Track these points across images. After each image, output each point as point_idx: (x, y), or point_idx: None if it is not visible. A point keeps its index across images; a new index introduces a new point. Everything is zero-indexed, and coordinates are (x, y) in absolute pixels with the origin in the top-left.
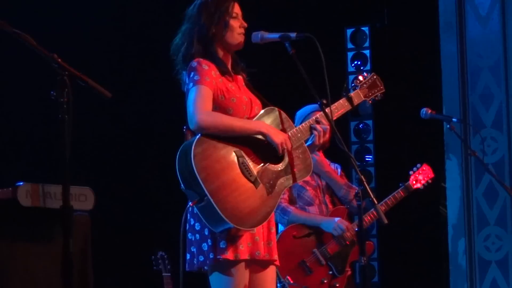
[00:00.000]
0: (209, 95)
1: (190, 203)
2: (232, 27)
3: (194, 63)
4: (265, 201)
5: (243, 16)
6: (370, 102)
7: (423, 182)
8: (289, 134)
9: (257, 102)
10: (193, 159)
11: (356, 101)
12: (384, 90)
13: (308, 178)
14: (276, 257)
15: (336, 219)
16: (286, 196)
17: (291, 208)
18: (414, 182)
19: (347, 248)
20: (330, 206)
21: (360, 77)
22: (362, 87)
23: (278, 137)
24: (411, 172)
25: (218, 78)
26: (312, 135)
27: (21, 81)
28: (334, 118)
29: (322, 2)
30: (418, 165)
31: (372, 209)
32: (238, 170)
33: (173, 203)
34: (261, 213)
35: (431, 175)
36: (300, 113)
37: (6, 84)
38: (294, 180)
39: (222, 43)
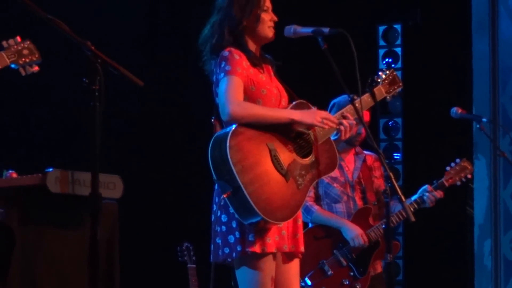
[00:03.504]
0: (240, 85)
1: (222, 196)
2: (263, 20)
3: (225, 53)
4: (294, 195)
5: (273, 10)
6: (390, 98)
7: (460, 177)
8: (316, 128)
9: (284, 94)
10: (228, 151)
11: (378, 97)
12: (402, 86)
13: (337, 173)
14: (302, 249)
15: (357, 231)
16: (312, 194)
17: (315, 208)
18: (448, 179)
19: (370, 249)
20: (359, 202)
21: (380, 73)
22: (384, 83)
23: (312, 117)
24: (448, 168)
25: (249, 68)
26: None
27: (52, 68)
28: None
29: None
30: (457, 160)
31: (401, 209)
32: (271, 163)
33: (200, 194)
34: (291, 206)
35: (471, 170)
36: (336, 101)
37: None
38: (321, 174)
39: (253, 35)
